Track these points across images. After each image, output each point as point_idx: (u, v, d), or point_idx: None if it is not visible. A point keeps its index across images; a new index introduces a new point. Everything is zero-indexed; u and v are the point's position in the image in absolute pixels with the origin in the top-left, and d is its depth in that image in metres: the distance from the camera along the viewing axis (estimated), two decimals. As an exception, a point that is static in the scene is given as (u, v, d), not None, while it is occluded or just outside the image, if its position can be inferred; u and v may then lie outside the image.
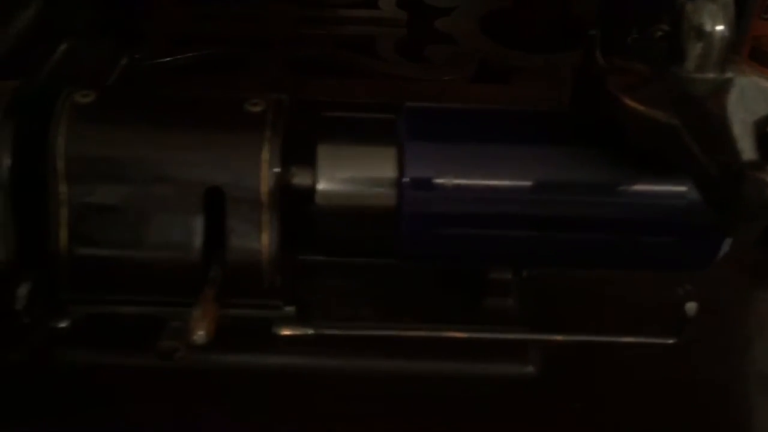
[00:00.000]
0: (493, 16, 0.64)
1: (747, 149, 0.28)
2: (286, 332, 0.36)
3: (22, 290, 0.32)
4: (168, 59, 0.59)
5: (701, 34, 0.31)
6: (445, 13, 0.65)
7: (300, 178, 0.35)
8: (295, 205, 0.35)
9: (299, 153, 0.35)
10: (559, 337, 0.37)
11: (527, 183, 0.34)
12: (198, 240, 0.34)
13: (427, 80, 0.58)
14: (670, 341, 0.37)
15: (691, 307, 0.36)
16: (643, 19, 0.37)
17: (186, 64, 0.59)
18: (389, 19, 0.64)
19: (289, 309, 0.36)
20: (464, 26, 0.63)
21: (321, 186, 0.35)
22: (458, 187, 0.34)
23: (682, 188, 0.34)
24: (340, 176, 0.35)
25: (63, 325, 0.35)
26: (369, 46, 0.61)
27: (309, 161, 0.35)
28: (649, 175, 0.34)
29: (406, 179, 0.34)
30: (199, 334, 0.32)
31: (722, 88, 0.31)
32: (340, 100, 0.53)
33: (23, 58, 0.42)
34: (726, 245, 0.36)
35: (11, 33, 0.41)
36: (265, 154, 0.34)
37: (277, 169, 0.34)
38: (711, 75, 0.31)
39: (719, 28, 0.31)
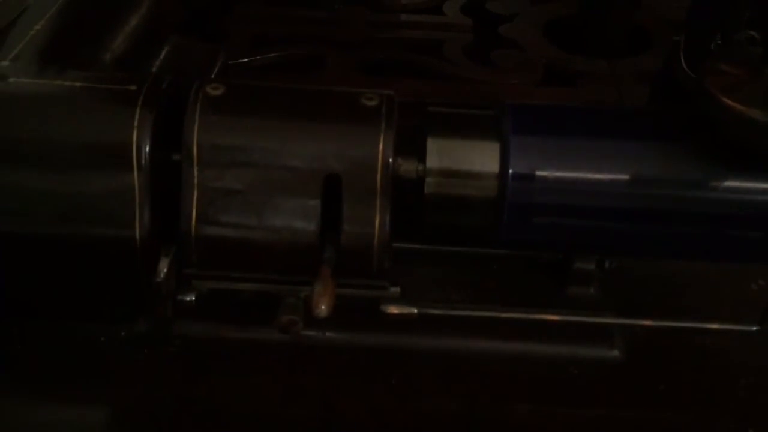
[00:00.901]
0: (555, 23, 0.67)
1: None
2: (393, 310, 0.39)
3: (162, 264, 0.35)
4: (246, 60, 0.61)
5: (799, 38, 0.34)
6: (508, 19, 0.68)
7: (409, 169, 0.38)
8: (401, 194, 0.38)
9: (407, 144, 0.38)
10: (647, 322, 0.39)
11: (624, 177, 0.37)
12: (315, 223, 0.37)
13: (495, 83, 0.60)
14: (754, 329, 0.39)
15: None
16: (726, 26, 0.39)
17: (262, 65, 0.62)
18: (455, 25, 0.67)
19: (395, 290, 0.39)
20: (528, 32, 0.66)
21: (430, 176, 0.37)
22: (559, 179, 0.37)
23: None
24: (448, 168, 0.38)
25: (188, 299, 0.38)
26: (437, 50, 0.63)
27: (417, 153, 0.38)
28: (740, 170, 0.36)
29: (511, 171, 0.37)
30: (322, 308, 0.35)
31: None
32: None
33: (137, 54, 0.45)
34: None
35: (130, 30, 0.44)
36: (381, 145, 0.36)
37: (390, 159, 0.37)
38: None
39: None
